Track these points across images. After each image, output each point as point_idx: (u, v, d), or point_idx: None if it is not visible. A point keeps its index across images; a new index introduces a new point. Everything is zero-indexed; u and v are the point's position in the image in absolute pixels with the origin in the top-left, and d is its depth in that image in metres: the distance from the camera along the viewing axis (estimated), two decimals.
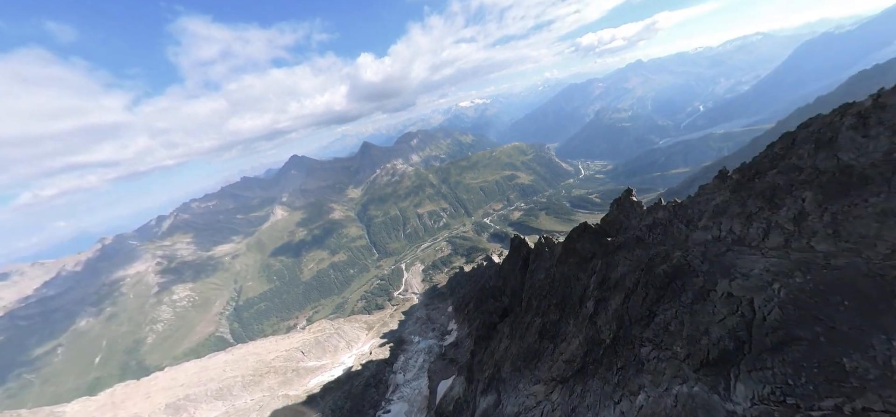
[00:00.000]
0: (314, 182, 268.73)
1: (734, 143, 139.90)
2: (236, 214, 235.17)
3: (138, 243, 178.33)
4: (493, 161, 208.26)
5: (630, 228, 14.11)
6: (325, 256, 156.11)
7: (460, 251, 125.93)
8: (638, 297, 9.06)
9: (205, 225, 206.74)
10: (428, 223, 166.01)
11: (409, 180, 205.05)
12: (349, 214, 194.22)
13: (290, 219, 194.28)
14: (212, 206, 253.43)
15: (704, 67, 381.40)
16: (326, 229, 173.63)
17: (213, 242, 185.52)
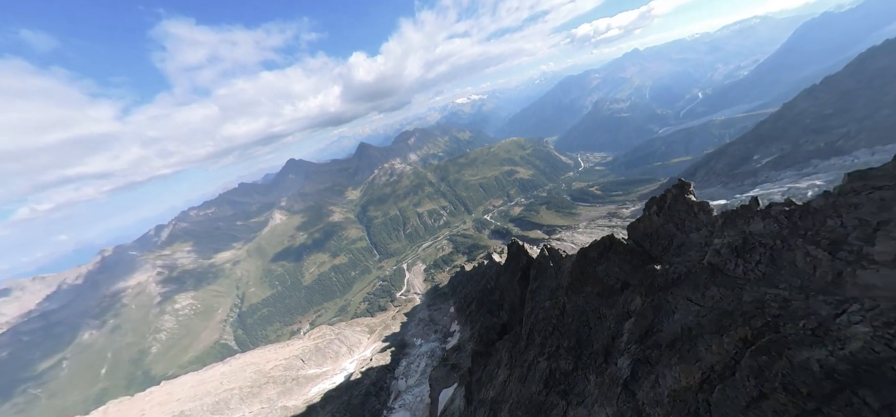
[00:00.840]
0: (312, 185, 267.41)
1: (736, 129, 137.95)
2: (236, 220, 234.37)
3: (138, 254, 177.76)
4: (491, 157, 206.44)
5: (689, 245, 9.37)
6: (325, 259, 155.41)
7: (461, 249, 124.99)
8: (741, 390, 4.67)
9: (204, 233, 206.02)
10: (428, 222, 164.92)
11: (408, 180, 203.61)
12: (349, 216, 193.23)
13: (290, 223, 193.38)
14: (210, 213, 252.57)
15: (703, 54, 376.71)
16: (326, 232, 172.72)
17: (213, 249, 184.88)
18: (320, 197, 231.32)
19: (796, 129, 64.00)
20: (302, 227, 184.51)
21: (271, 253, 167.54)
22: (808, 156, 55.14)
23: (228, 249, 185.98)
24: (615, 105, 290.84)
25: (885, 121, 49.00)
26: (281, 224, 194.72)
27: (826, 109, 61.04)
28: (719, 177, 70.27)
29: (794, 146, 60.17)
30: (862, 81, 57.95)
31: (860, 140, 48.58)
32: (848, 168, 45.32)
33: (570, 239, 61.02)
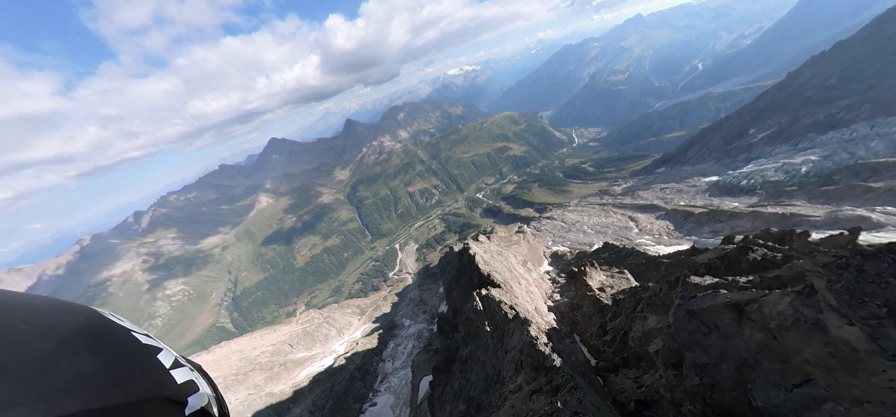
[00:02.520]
0: (298, 166, 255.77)
1: (733, 102, 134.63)
2: (220, 204, 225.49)
3: (119, 242, 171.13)
4: (484, 133, 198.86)
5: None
6: (317, 241, 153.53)
7: (453, 228, 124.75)
8: None
9: (188, 218, 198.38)
10: (420, 201, 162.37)
11: (398, 158, 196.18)
12: (338, 196, 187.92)
13: (277, 206, 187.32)
14: (192, 198, 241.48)
15: (707, 20, 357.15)
16: (316, 214, 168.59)
17: (199, 235, 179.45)
18: (307, 178, 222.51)
19: (797, 101, 61.62)
20: (290, 209, 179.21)
21: (260, 237, 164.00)
22: (805, 129, 53.52)
23: (215, 234, 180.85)
24: (613, 77, 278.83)
25: (889, 91, 46.88)
26: (268, 207, 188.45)
27: (830, 79, 58.30)
28: (713, 152, 68.84)
29: (793, 119, 58.26)
30: (874, 46, 54.57)
31: (861, 112, 46.79)
32: (845, 142, 44.05)
33: (560, 217, 60.12)
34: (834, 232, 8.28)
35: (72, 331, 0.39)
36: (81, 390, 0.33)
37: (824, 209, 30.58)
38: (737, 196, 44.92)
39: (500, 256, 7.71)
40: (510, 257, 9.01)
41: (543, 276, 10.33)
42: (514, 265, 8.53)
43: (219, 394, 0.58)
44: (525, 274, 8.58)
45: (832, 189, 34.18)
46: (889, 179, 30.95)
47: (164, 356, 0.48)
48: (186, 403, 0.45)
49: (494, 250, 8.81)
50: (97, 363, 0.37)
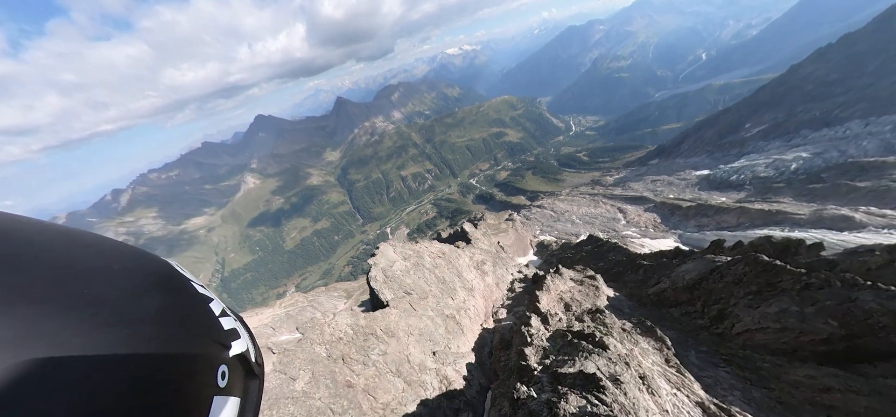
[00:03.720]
0: (286, 145, 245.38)
1: (732, 95, 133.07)
2: (204, 184, 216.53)
3: (97, 221, 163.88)
4: (480, 117, 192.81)
5: None
6: (306, 223, 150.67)
7: (445, 214, 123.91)
8: None
9: (170, 198, 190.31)
10: (412, 186, 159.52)
11: (391, 140, 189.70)
12: (328, 178, 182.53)
13: (264, 187, 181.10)
14: (174, 176, 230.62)
15: (717, 6, 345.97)
16: (305, 196, 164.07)
17: (183, 215, 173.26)
18: (296, 159, 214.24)
19: (796, 95, 60.51)
20: (278, 191, 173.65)
21: (247, 219, 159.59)
22: (799, 125, 52.86)
23: (200, 214, 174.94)
24: (615, 64, 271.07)
25: (887, 89, 46.03)
26: (254, 188, 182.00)
27: (832, 74, 56.98)
28: (706, 146, 68.18)
29: (789, 115, 57.43)
30: (880, 41, 52.93)
31: (857, 110, 46.07)
32: (838, 140, 43.55)
33: (550, 206, 59.45)
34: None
35: (150, 274, 0.49)
36: (157, 322, 0.42)
37: (809, 208, 30.27)
38: (725, 191, 44.65)
39: (442, 260, 6.05)
40: (461, 260, 7.48)
41: (503, 281, 9.01)
42: (464, 271, 6.95)
43: (256, 346, 0.66)
44: (475, 281, 7.10)
45: (819, 187, 33.90)
46: (875, 179, 30.70)
47: (215, 306, 0.56)
48: (230, 347, 0.54)
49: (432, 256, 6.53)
50: (168, 302, 0.47)
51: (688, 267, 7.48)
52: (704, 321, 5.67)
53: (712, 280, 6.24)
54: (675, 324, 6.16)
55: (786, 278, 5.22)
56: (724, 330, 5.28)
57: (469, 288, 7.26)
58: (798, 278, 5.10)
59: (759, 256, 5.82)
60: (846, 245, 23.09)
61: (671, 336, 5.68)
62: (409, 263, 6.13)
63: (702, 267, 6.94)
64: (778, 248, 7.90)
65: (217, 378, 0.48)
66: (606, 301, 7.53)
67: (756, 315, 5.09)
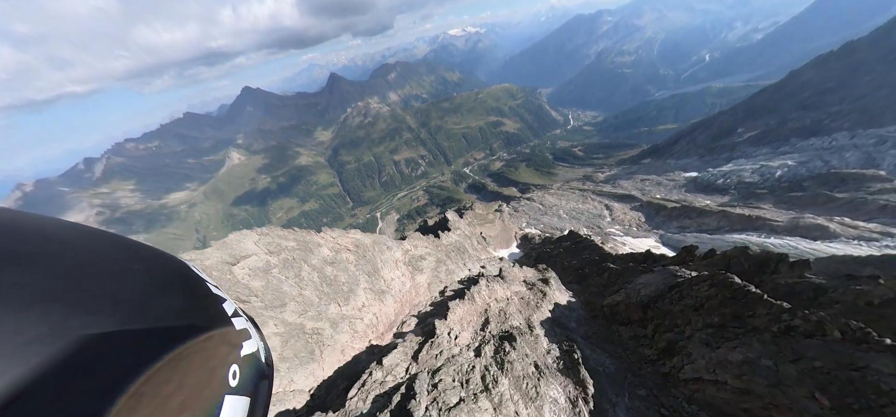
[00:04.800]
0: (275, 122, 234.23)
1: (730, 99, 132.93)
2: (186, 157, 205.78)
3: (69, 190, 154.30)
4: (478, 104, 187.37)
5: None
6: (294, 204, 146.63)
7: (436, 201, 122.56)
8: None
9: (149, 170, 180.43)
10: (405, 171, 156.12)
11: (385, 123, 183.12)
12: (318, 159, 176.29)
13: (250, 164, 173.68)
14: (154, 148, 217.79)
15: (727, 6, 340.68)
16: (293, 176, 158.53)
17: (162, 189, 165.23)
18: (284, 136, 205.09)
19: (791, 103, 60.19)
20: (264, 169, 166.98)
21: (231, 196, 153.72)
22: (789, 133, 52.84)
23: (181, 189, 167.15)
24: (619, 59, 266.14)
25: (878, 102, 45.96)
26: (239, 165, 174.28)
27: (829, 83, 56.55)
28: (698, 148, 68.04)
29: (781, 122, 57.26)
30: (880, 51, 52.35)
31: (847, 121, 46.03)
32: (823, 150, 43.62)
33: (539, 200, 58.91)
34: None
35: (168, 274, 0.50)
36: (174, 321, 0.43)
37: (788, 215, 30.29)
38: (711, 194, 44.66)
39: (352, 254, 4.85)
40: (385, 255, 6.27)
41: (444, 280, 7.79)
42: (383, 268, 5.70)
43: (267, 345, 0.66)
44: (397, 281, 5.83)
45: (799, 196, 33.96)
46: (853, 190, 30.82)
47: (228, 306, 0.56)
48: (241, 346, 0.54)
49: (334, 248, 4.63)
50: (184, 302, 0.47)
51: (647, 280, 6.37)
52: (652, 352, 4.55)
53: (670, 300, 5.08)
54: (619, 349, 5.08)
55: (760, 312, 3.88)
56: (672, 370, 4.09)
57: (381, 290, 5.90)
58: (777, 316, 3.75)
59: (730, 277, 4.57)
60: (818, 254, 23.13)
61: (609, 368, 4.55)
62: (277, 258, 4.68)
63: (661, 281, 5.80)
64: (755, 262, 6.82)
65: (229, 378, 0.49)
66: (549, 313, 6.37)
67: (713, 360, 3.83)
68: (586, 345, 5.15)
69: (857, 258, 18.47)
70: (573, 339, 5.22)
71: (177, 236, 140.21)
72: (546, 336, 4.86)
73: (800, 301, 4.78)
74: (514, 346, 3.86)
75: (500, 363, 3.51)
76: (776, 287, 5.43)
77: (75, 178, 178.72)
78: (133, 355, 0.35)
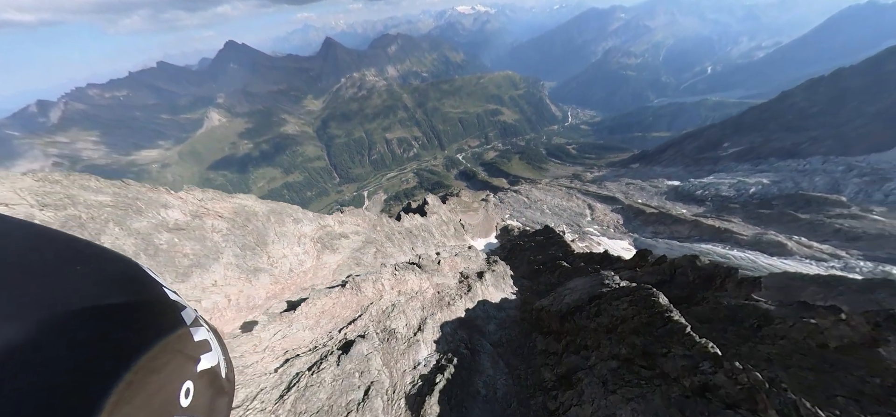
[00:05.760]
0: (261, 83, 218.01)
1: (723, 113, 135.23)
2: (159, 112, 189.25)
3: (18, 135, 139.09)
4: (479, 90, 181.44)
5: None
6: (277, 174, 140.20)
7: (426, 185, 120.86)
8: None
9: (116, 122, 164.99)
10: (396, 151, 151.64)
11: (380, 98, 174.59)
12: (306, 129, 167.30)
13: (231, 127, 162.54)
14: (122, 97, 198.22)
15: (737, 19, 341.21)
16: (278, 144, 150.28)
17: (131, 144, 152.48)
18: (271, 101, 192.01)
19: (777, 123, 61.53)
20: (247, 134, 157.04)
21: (209, 160, 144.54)
22: (769, 153, 54.37)
23: (153, 147, 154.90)
24: (625, 59, 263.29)
25: (854, 131, 47.56)
26: (220, 127, 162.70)
27: (814, 107, 57.89)
28: (684, 158, 69.29)
29: (764, 141, 58.68)
30: (865, 82, 53.66)
31: (823, 146, 47.62)
32: (796, 172, 45.13)
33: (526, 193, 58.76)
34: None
35: (114, 277, 0.41)
36: (118, 330, 0.36)
37: (753, 230, 31.40)
38: (688, 204, 45.77)
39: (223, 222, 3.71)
40: (282, 228, 5.24)
41: (348, 265, 6.80)
42: (273, 243, 4.61)
43: (228, 359, 0.58)
44: (292, 258, 4.85)
45: (767, 213, 35.22)
46: (814, 213, 32.21)
47: (187, 314, 0.49)
48: (199, 360, 0.47)
49: (191, 213, 4.00)
50: (132, 310, 0.39)
51: (577, 284, 5.63)
52: (551, 378, 3.73)
53: (587, 314, 4.25)
54: (524, 366, 4.34)
55: (677, 351, 2.86)
56: (559, 408, 3.21)
57: (255, 268, 4.83)
58: (696, 363, 2.63)
59: (653, 296, 3.64)
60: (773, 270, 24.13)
61: (499, 391, 3.78)
62: (59, 214, 3.37)
63: (587, 289, 5.03)
64: (701, 275, 6.21)
65: (180, 397, 0.41)
66: (464, 312, 5.61)
67: (601, 409, 2.80)
68: (490, 357, 4.42)
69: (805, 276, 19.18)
70: (475, 348, 4.47)
71: None
72: (434, 343, 4.07)
73: (739, 332, 4.06)
74: (340, 360, 2.98)
75: (301, 389, 2.60)
76: (716, 308, 4.78)
77: (27, 121, 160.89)
78: None
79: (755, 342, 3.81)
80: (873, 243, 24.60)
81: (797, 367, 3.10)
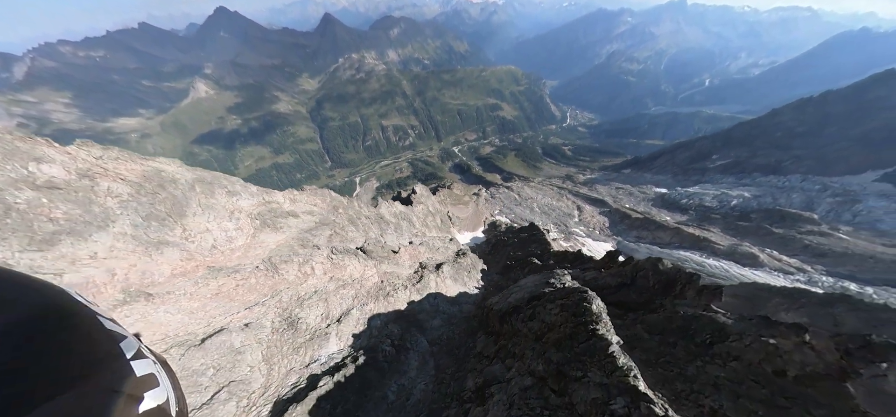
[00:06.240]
0: (254, 56, 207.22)
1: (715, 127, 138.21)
2: (141, 78, 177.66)
3: None
4: (480, 83, 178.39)
5: None
6: (266, 153, 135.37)
7: (419, 176, 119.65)
8: None
9: (91, 85, 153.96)
10: (392, 139, 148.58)
11: (378, 83, 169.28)
12: (299, 109, 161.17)
13: (219, 100, 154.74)
14: (98, 58, 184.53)
15: (739, 34, 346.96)
16: (268, 122, 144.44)
17: (108, 110, 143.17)
18: (263, 76, 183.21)
19: (764, 140, 63.10)
20: (236, 109, 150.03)
21: (194, 133, 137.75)
22: (754, 168, 55.95)
23: (133, 115, 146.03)
24: (628, 65, 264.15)
25: (833, 153, 49.25)
26: (206, 99, 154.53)
27: (800, 127, 59.54)
28: (674, 168, 70.64)
29: (750, 156, 60.21)
30: (849, 107, 55.47)
31: (804, 165, 49.24)
32: (776, 188, 46.62)
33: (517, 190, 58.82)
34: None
35: (35, 310, 0.34)
36: (38, 374, 0.30)
37: (730, 241, 32.35)
38: (673, 211, 46.81)
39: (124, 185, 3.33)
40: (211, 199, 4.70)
41: (291, 246, 6.16)
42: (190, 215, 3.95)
43: (180, 393, 0.50)
44: (217, 234, 4.33)
45: (744, 225, 36.35)
46: (787, 228, 33.48)
47: (127, 345, 0.42)
48: (142, 399, 0.40)
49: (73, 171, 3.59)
50: (57, 347, 0.33)
51: (527, 282, 5.25)
52: (471, 388, 3.32)
53: (523, 316, 3.85)
54: (451, 369, 3.99)
55: (592, 375, 2.41)
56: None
57: (161, 241, 4.21)
58: (605, 399, 2.15)
59: (584, 303, 3.22)
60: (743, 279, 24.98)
61: (414, 397, 3.39)
62: None
63: (532, 288, 4.62)
64: (662, 279, 5.97)
65: None
66: (405, 305, 5.21)
67: None
68: (420, 357, 4.04)
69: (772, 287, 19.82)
70: (405, 345, 4.08)
71: None
72: (353, 337, 3.64)
73: (689, 348, 3.69)
74: (188, 353, 2.50)
75: None
76: (671, 318, 4.47)
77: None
78: None
79: (705, 361, 3.38)
80: (837, 260, 25.75)
81: (747, 397, 2.62)
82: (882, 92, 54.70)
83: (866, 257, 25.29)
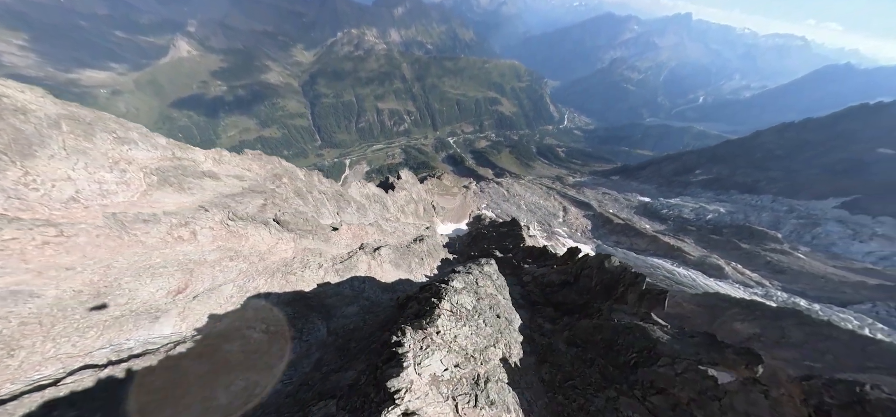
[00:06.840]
0: (244, 20, 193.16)
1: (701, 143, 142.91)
2: (114, 28, 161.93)
3: None
4: (482, 74, 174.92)
5: None
6: (251, 125, 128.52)
7: (411, 164, 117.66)
8: None
9: (53, 29, 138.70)
10: (386, 123, 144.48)
11: (377, 63, 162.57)
12: (291, 82, 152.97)
13: (202, 63, 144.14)
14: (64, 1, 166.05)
15: (735, 55, 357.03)
16: (256, 92, 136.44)
17: (73, 60, 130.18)
18: (254, 41, 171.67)
19: (745, 159, 65.57)
20: (221, 74, 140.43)
21: (173, 96, 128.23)
22: (731, 185, 58.22)
23: (104, 68, 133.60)
24: (628, 73, 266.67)
25: (805, 178, 51.85)
26: (188, 59, 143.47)
27: (779, 150, 62.14)
28: (659, 178, 72.60)
29: (731, 173, 62.53)
30: (823, 136, 58.21)
31: (776, 187, 51.66)
32: (749, 206, 48.79)
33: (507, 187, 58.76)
34: None
35: None
36: None
37: (700, 252, 33.66)
38: (653, 220, 48.20)
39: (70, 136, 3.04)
40: (97, 144, 4.11)
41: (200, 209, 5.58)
42: (42, 154, 3.68)
43: None
44: (90, 187, 3.78)
45: (715, 239, 37.90)
46: (754, 244, 35.24)
47: None
48: None
49: None
50: None
51: (452, 274, 4.81)
52: (338, 390, 2.80)
53: (411, 311, 3.27)
54: (333, 366, 3.46)
55: (382, 390, 2.32)
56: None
57: None
58: None
59: (437, 297, 2.89)
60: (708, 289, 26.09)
61: (262, 396, 2.84)
62: None
63: (432, 281, 4.12)
64: (605, 279, 5.66)
65: None
66: (316, 285, 4.57)
67: None
68: (304, 348, 3.50)
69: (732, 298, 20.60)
70: (281, 333, 3.51)
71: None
72: (207, 319, 3.06)
73: (608, 370, 3.18)
74: None
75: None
76: (601, 328, 3.92)
77: None
78: None
79: (622, 390, 2.77)
80: (793, 277, 27.33)
81: None
82: (854, 125, 57.69)
83: (818, 276, 26.93)
